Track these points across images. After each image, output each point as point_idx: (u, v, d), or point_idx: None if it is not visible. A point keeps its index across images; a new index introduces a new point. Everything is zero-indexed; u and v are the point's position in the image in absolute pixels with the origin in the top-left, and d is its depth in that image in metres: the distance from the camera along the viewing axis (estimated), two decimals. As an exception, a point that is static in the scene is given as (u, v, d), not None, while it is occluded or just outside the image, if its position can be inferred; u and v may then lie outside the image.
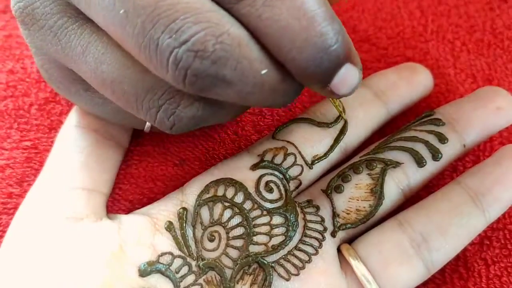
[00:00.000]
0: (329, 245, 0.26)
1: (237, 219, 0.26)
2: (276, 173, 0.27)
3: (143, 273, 0.24)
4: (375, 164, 0.27)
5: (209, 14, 0.18)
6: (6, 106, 0.31)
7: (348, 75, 0.20)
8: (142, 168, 0.30)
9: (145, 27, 0.18)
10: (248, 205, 0.26)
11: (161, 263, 0.24)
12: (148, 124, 0.26)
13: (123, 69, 0.21)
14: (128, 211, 0.28)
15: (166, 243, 0.25)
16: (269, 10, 0.19)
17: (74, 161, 0.26)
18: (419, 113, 0.30)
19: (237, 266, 0.25)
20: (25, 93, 0.31)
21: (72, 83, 0.25)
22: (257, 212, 0.26)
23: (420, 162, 0.27)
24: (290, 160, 0.27)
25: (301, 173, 0.27)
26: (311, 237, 0.26)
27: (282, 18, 0.19)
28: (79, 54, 0.22)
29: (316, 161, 0.28)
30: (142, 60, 0.20)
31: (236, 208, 0.26)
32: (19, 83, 0.32)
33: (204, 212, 0.26)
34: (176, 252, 0.25)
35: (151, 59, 0.19)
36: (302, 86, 0.21)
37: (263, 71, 0.19)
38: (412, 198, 0.28)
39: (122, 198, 0.29)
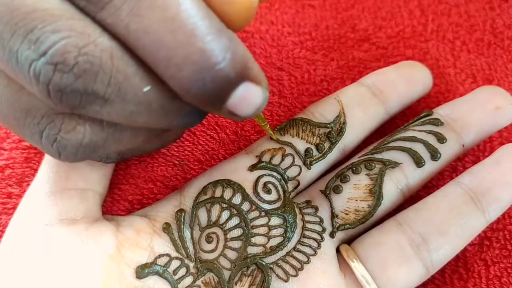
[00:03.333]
0: (328, 245, 0.26)
1: (235, 221, 0.26)
2: (274, 174, 0.27)
3: (140, 275, 0.24)
4: (373, 164, 0.27)
5: (71, 22, 0.16)
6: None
7: (247, 95, 0.18)
8: (142, 168, 0.30)
9: (3, 38, 0.16)
10: (246, 206, 0.26)
11: (159, 265, 0.24)
12: None
13: (1, 92, 0.19)
14: (127, 211, 0.28)
15: (163, 245, 0.25)
16: (136, 20, 0.16)
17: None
18: (418, 113, 0.30)
19: (235, 268, 0.25)
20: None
21: None
22: (255, 213, 0.26)
23: (418, 162, 0.27)
24: (288, 160, 0.27)
25: (299, 174, 0.27)
26: (309, 238, 0.26)
27: (152, 30, 0.16)
28: None
29: (314, 162, 0.27)
30: (10, 75, 0.18)
31: (234, 210, 0.26)
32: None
33: (202, 214, 0.26)
34: (174, 253, 0.25)
35: (15, 73, 0.17)
36: None
37: (145, 88, 0.17)
38: (412, 198, 0.28)
39: (122, 198, 0.29)
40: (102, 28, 0.17)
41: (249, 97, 0.18)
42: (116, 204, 0.29)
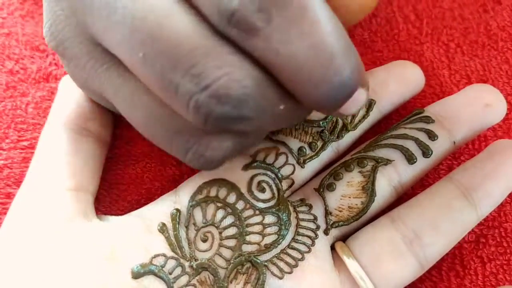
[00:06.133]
0: (322, 243, 0.26)
1: (229, 219, 0.26)
2: (268, 173, 0.27)
3: (136, 275, 0.24)
4: (366, 162, 0.27)
5: (230, 57, 0.18)
6: (4, 106, 0.31)
7: (356, 97, 0.20)
8: (140, 168, 0.30)
9: (164, 71, 0.18)
10: (240, 205, 0.26)
11: (154, 265, 0.24)
12: None
13: (152, 112, 0.21)
14: (126, 211, 0.28)
15: (159, 245, 0.25)
16: (286, 46, 0.18)
17: (54, 162, 0.26)
18: (412, 112, 0.30)
19: (230, 266, 0.25)
20: (23, 93, 0.32)
21: None
22: (249, 212, 0.26)
23: (410, 159, 0.27)
24: (281, 159, 0.28)
25: (293, 172, 0.27)
26: (303, 235, 0.26)
27: (300, 54, 0.18)
28: (112, 96, 0.22)
29: (308, 160, 0.28)
30: (165, 100, 0.20)
31: (228, 209, 0.26)
32: (19, 84, 0.32)
33: (197, 213, 0.26)
34: (169, 253, 0.25)
35: (172, 101, 0.19)
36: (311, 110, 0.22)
37: (281, 106, 0.19)
38: (407, 196, 0.28)
39: (120, 199, 0.29)
40: (250, 59, 0.19)
41: (357, 99, 0.20)
42: (115, 205, 0.29)
